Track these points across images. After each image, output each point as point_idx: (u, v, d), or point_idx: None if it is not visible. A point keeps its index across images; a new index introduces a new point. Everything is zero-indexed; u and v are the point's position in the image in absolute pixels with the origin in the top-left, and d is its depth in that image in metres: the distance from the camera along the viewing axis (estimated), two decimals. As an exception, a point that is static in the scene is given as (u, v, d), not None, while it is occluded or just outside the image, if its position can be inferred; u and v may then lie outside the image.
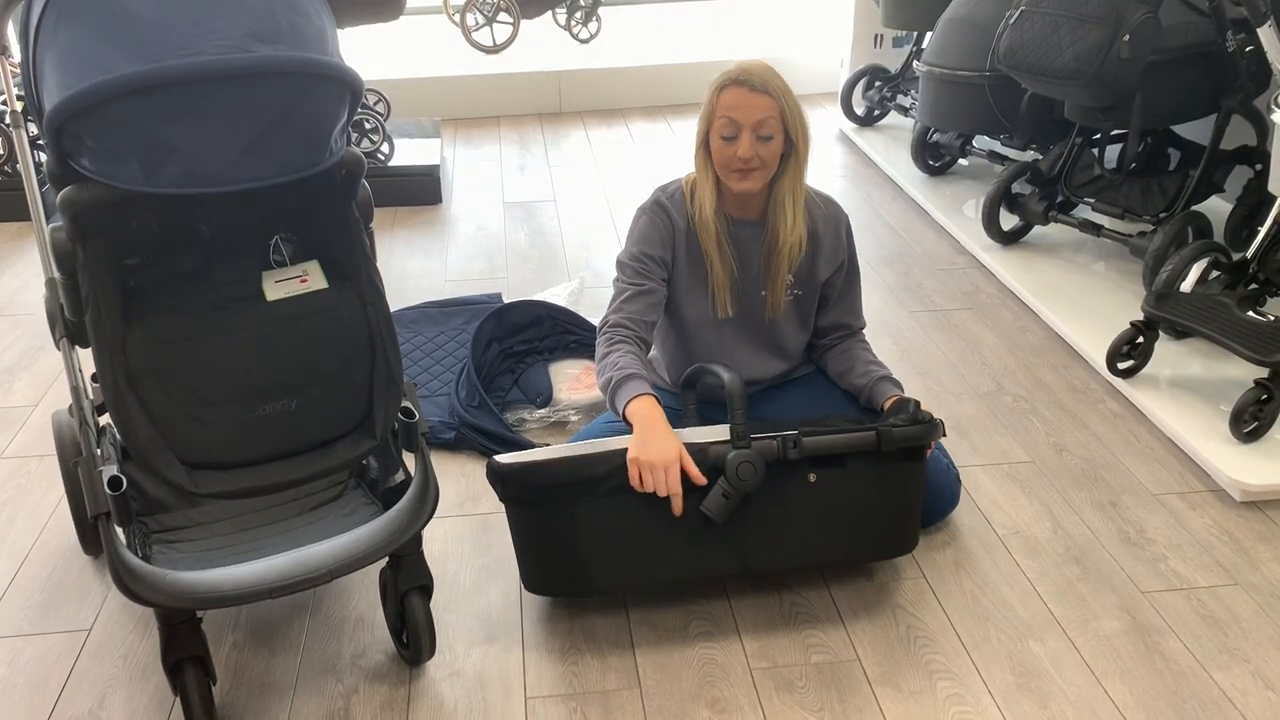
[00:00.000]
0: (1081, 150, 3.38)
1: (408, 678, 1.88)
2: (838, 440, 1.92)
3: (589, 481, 1.85)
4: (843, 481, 1.93)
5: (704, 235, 2.10)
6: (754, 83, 1.99)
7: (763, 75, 2.00)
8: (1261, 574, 2.11)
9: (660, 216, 2.13)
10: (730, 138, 2.00)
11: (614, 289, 2.15)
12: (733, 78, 2.01)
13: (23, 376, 2.86)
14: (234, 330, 1.68)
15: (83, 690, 1.85)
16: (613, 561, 1.91)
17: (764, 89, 1.99)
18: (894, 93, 4.67)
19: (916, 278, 3.43)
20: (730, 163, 2.02)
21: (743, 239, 2.13)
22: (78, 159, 1.50)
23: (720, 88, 2.02)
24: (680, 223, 2.13)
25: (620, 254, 2.16)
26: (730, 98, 2.00)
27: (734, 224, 2.13)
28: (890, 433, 1.93)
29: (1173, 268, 2.76)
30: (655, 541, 1.89)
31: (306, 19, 1.55)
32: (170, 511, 1.98)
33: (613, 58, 5.42)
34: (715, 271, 2.12)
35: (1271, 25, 2.81)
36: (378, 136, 4.05)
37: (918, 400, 2.07)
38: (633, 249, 2.14)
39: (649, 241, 2.12)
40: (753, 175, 2.03)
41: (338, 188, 1.73)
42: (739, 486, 1.84)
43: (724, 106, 2.00)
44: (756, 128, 1.99)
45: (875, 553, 2.05)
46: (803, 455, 1.89)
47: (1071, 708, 1.80)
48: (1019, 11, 3.10)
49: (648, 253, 2.12)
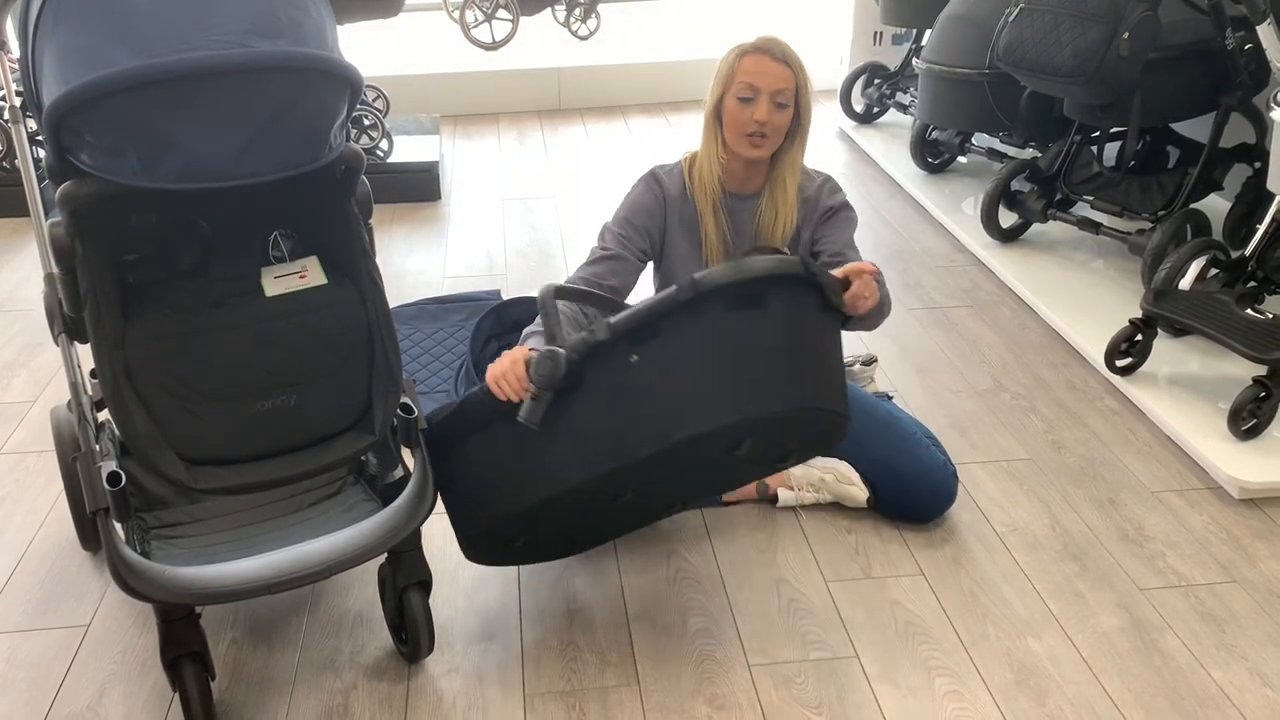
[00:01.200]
0: (1080, 148, 3.38)
1: (406, 674, 1.88)
2: (639, 309, 1.67)
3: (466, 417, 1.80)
4: (665, 349, 1.66)
5: (700, 196, 2.16)
6: (775, 52, 2.07)
7: (783, 46, 2.09)
8: (1259, 571, 2.12)
9: (652, 185, 2.20)
10: (748, 100, 2.06)
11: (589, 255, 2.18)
12: (755, 45, 2.08)
13: (21, 373, 2.85)
14: (233, 326, 1.68)
15: (81, 686, 1.86)
16: (502, 485, 1.78)
17: (784, 59, 2.07)
18: (893, 90, 4.67)
19: (915, 275, 3.43)
20: (745, 125, 2.07)
21: (737, 211, 2.18)
22: (77, 154, 1.50)
23: (741, 53, 2.08)
24: (673, 191, 2.18)
25: (606, 221, 2.22)
26: (752, 63, 2.06)
27: (729, 196, 2.18)
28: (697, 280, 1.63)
29: (1171, 265, 2.76)
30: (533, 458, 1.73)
31: (306, 14, 1.55)
32: (169, 507, 1.98)
33: (612, 55, 5.41)
34: (709, 235, 2.17)
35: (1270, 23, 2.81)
36: (377, 133, 4.05)
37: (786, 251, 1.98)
38: (619, 214, 2.20)
39: (635, 210, 2.19)
40: (763, 143, 2.08)
41: (337, 184, 1.73)
42: (540, 384, 1.67)
43: (744, 71, 2.06)
44: (774, 95, 2.05)
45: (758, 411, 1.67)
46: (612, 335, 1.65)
47: (1069, 704, 1.81)
48: (1018, 9, 3.10)
49: (631, 221, 2.18)
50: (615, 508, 1.91)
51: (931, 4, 3.99)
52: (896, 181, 4.22)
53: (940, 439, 2.35)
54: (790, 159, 2.14)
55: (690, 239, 2.19)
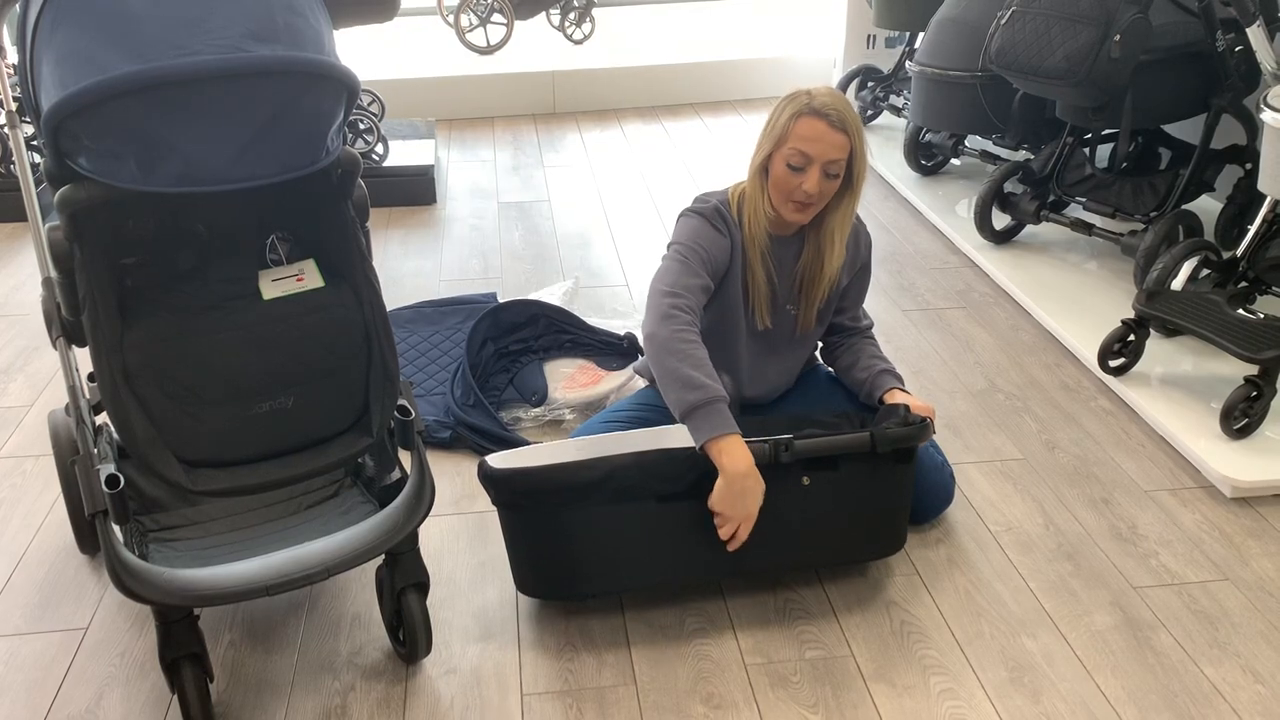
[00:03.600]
0: (1073, 150, 3.40)
1: (404, 675, 1.88)
2: (831, 443, 1.92)
3: (581, 487, 1.85)
4: (835, 483, 1.94)
5: (751, 247, 2.07)
6: (834, 119, 1.92)
7: (842, 112, 1.93)
8: (1251, 569, 2.13)
9: (721, 227, 2.05)
10: (798, 168, 1.95)
11: (669, 262, 2.02)
12: (813, 107, 1.93)
13: (18, 377, 2.86)
14: (231, 328, 1.69)
15: (80, 689, 1.86)
16: (605, 566, 1.91)
17: (842, 126, 1.93)
18: (887, 93, 4.68)
19: (910, 277, 3.45)
20: (793, 194, 1.97)
21: (778, 254, 2.12)
22: (75, 158, 1.50)
23: (797, 115, 1.93)
24: (737, 236, 2.07)
25: (675, 241, 2.06)
26: (807, 128, 1.93)
27: (772, 240, 2.10)
28: (884, 434, 1.93)
29: (1164, 266, 2.78)
30: (647, 546, 1.90)
31: (303, 19, 1.56)
32: (167, 510, 1.98)
33: (607, 58, 5.43)
34: (758, 283, 2.09)
35: (1260, 25, 2.83)
36: (372, 137, 4.06)
37: (907, 405, 2.08)
38: (702, 241, 2.02)
39: (713, 245, 2.03)
40: (808, 210, 2.00)
41: (334, 187, 1.74)
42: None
43: (799, 136, 1.93)
44: (827, 165, 1.94)
45: (865, 552, 2.06)
46: (795, 458, 1.89)
47: (1064, 702, 1.82)
48: (1010, 11, 3.12)
49: (709, 250, 2.02)
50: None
51: (924, 7, 4.01)
52: (890, 184, 4.24)
53: (935, 439, 2.36)
54: (839, 218, 2.04)
55: (739, 281, 2.10)
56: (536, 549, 1.94)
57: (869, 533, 2.01)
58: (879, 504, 2.00)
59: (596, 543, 1.89)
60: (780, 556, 1.97)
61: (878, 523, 2.02)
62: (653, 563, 1.92)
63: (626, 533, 1.88)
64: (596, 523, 1.87)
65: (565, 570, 1.93)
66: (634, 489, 1.85)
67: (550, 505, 1.87)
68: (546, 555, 1.93)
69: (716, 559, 1.93)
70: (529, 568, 1.97)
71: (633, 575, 1.93)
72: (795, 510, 1.93)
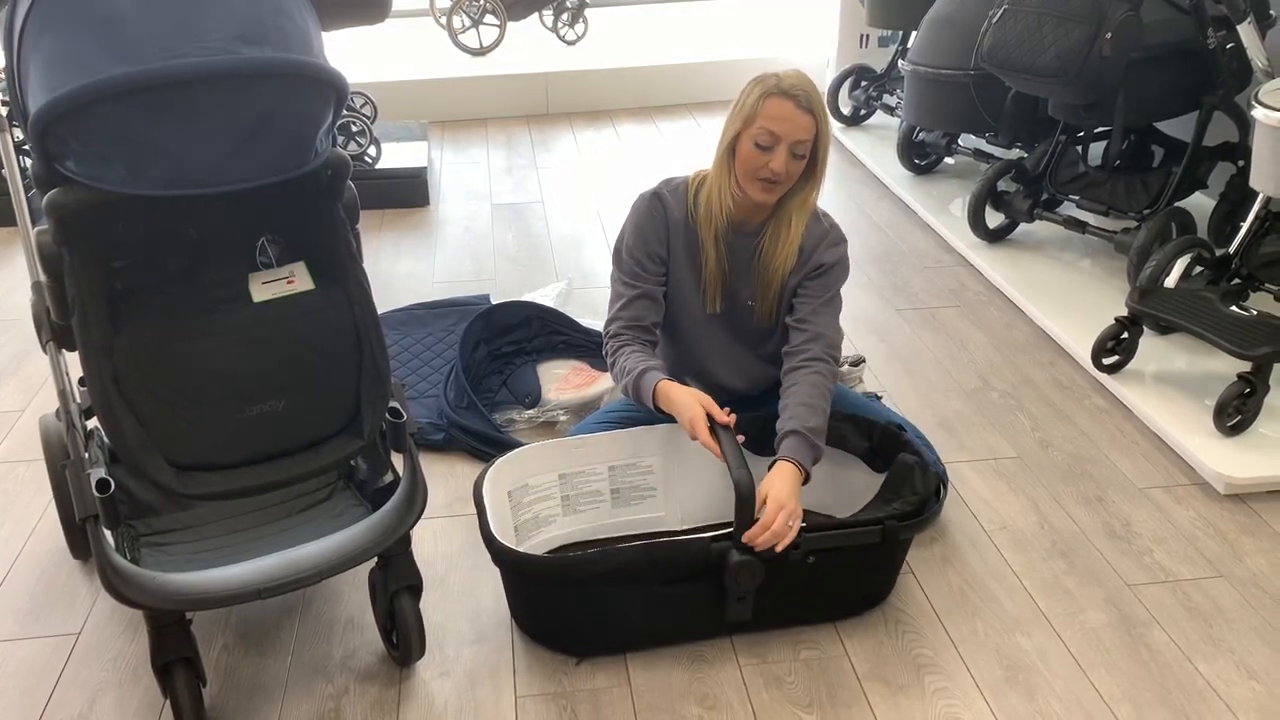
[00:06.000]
0: (1066, 148, 3.40)
1: (398, 678, 1.88)
2: (840, 537, 1.89)
3: (589, 578, 1.84)
4: (839, 562, 1.91)
5: (704, 224, 2.08)
6: (801, 99, 1.95)
7: (809, 93, 1.96)
8: (1245, 566, 2.13)
9: (657, 208, 2.11)
10: (766, 147, 1.96)
11: (611, 288, 2.14)
12: (782, 88, 1.95)
13: (10, 381, 2.85)
14: (221, 331, 1.68)
15: (73, 694, 1.85)
16: (605, 632, 1.92)
17: (809, 108, 1.96)
18: (880, 92, 4.68)
19: (903, 276, 3.45)
20: (759, 171, 1.98)
21: (735, 246, 2.11)
22: (63, 162, 1.50)
23: (766, 95, 1.96)
24: (677, 215, 2.10)
25: (617, 243, 2.15)
26: (776, 108, 1.95)
27: (731, 230, 2.10)
28: (896, 527, 1.89)
29: (1157, 264, 2.78)
30: (646, 618, 1.91)
31: (291, 21, 1.56)
32: (159, 514, 1.98)
33: (599, 59, 5.43)
34: (709, 265, 2.10)
35: (1251, 22, 2.84)
36: (365, 139, 4.05)
37: (919, 457, 2.02)
38: (629, 242, 2.12)
39: (644, 236, 2.11)
40: (774, 189, 2.01)
41: (324, 189, 1.73)
42: (736, 590, 1.84)
43: (767, 116, 1.95)
44: (794, 145, 1.96)
45: (856, 608, 2.02)
46: (804, 555, 1.86)
47: (1058, 700, 1.82)
48: (1002, 10, 3.12)
49: (644, 249, 2.11)
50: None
51: (916, 6, 4.01)
52: (884, 183, 4.24)
53: (929, 438, 2.36)
54: (801, 199, 2.06)
55: (691, 263, 2.12)
56: (535, 609, 1.95)
57: (864, 592, 2.02)
58: (878, 571, 2.01)
59: (597, 615, 1.90)
60: (774, 619, 1.95)
61: (873, 583, 2.02)
62: (650, 629, 1.93)
63: (627, 609, 1.89)
64: (597, 600, 1.87)
65: (565, 631, 1.94)
66: (639, 578, 1.84)
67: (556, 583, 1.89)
68: (544, 615, 1.95)
69: (711, 625, 1.93)
70: (525, 617, 1.98)
71: (629, 640, 1.93)
72: (796, 583, 1.91)
